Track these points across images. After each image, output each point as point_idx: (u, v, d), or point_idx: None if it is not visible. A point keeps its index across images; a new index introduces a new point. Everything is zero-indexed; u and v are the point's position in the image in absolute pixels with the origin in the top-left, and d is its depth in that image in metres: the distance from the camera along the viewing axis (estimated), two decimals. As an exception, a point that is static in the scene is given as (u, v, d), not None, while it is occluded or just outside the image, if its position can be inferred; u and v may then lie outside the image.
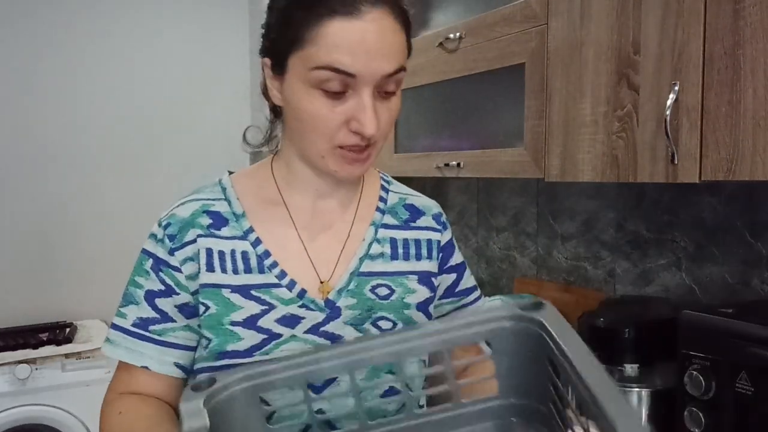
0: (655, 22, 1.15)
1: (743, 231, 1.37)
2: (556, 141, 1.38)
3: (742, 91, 1.02)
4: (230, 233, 0.81)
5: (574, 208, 1.80)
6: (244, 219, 0.82)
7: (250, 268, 0.80)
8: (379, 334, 0.81)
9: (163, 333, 0.81)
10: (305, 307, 0.80)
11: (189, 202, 0.84)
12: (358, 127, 0.73)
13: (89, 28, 2.58)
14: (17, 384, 2.06)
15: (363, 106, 0.72)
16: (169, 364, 0.81)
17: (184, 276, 0.80)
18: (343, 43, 0.69)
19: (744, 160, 1.02)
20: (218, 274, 0.79)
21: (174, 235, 0.81)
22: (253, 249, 0.81)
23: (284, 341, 0.78)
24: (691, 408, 1.09)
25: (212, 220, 0.82)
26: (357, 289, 0.83)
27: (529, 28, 1.44)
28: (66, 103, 2.55)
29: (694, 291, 1.48)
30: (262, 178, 0.86)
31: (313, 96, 0.72)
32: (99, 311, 2.61)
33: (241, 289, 0.79)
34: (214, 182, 0.88)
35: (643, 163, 1.19)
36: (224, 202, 0.84)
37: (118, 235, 2.66)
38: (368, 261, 0.85)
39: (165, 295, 0.80)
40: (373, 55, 0.70)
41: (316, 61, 0.71)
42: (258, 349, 0.77)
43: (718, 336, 1.05)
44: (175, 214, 0.83)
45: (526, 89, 1.46)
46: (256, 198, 0.84)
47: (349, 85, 0.72)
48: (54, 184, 2.55)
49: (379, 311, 0.83)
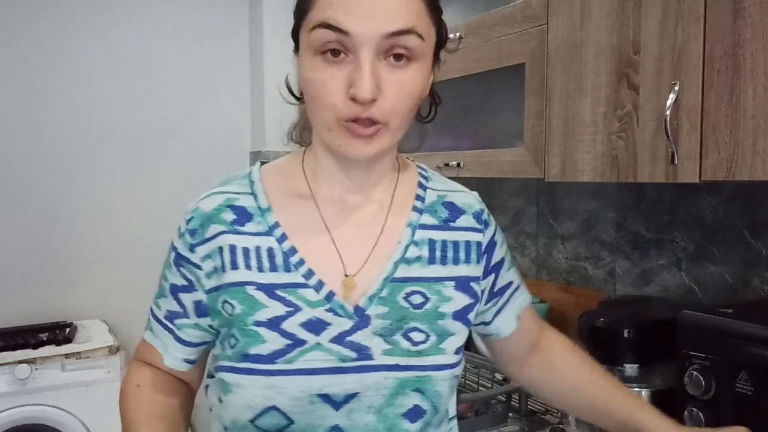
0: (655, 22, 1.15)
1: (743, 231, 1.37)
2: (556, 141, 1.38)
3: (742, 91, 1.02)
4: (255, 229, 0.77)
5: (574, 208, 1.80)
6: (270, 214, 0.78)
7: (275, 266, 0.75)
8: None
9: (182, 328, 0.82)
10: (333, 312, 0.74)
11: (214, 195, 0.80)
12: (354, 92, 0.66)
13: (90, 29, 2.58)
14: (17, 384, 2.06)
15: (358, 68, 0.66)
16: (180, 360, 0.83)
17: (204, 273, 0.77)
18: (339, 1, 0.66)
19: (744, 160, 1.02)
20: (242, 271, 0.75)
21: (195, 230, 0.78)
22: (278, 245, 0.76)
23: (308, 349, 0.72)
24: (691, 408, 1.09)
25: (236, 216, 0.77)
26: (390, 296, 0.76)
27: (529, 28, 1.44)
28: (66, 104, 2.55)
29: (694, 291, 1.48)
30: (291, 171, 0.82)
31: (314, 63, 0.69)
32: (99, 311, 2.62)
33: (265, 287, 0.74)
34: (244, 173, 0.83)
35: (643, 163, 1.19)
36: (250, 196, 0.79)
37: (119, 235, 2.66)
38: (404, 265, 0.78)
39: (186, 291, 0.80)
40: (371, 13, 0.66)
41: (313, 22, 0.68)
42: (281, 356, 0.71)
43: (718, 336, 1.05)
44: (198, 207, 0.79)
45: (526, 89, 1.46)
46: (284, 191, 0.80)
47: (348, 48, 0.67)
48: (54, 185, 2.55)
49: (412, 321, 0.76)
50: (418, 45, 0.69)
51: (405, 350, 0.74)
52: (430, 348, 0.75)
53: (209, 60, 2.82)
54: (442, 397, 0.75)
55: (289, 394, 0.70)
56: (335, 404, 0.72)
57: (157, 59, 2.72)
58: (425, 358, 0.74)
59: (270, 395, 0.70)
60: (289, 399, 0.70)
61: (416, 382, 0.73)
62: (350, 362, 0.72)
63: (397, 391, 0.73)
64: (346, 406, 0.72)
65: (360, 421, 0.72)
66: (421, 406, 0.73)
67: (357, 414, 0.72)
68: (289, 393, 0.70)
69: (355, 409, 0.72)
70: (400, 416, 0.73)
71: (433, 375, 0.74)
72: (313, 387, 0.71)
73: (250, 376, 0.71)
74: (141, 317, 3.08)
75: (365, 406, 0.72)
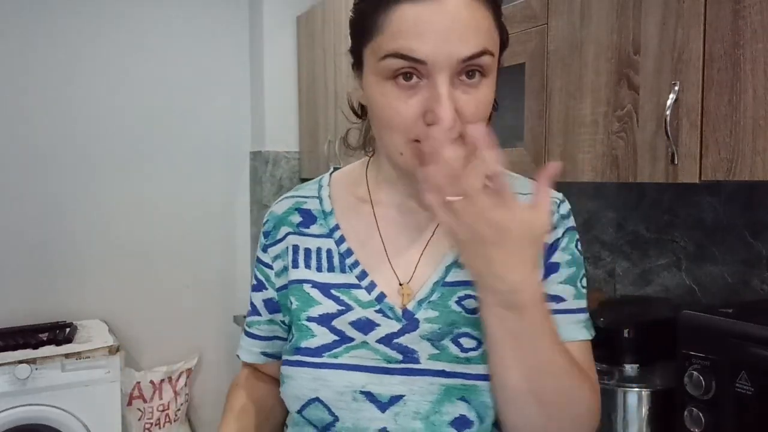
0: (655, 22, 1.15)
1: (743, 231, 1.37)
2: (556, 141, 1.38)
3: (742, 91, 1.02)
4: (318, 231, 0.81)
5: (574, 208, 1.79)
6: (332, 217, 0.82)
7: (333, 267, 0.79)
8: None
9: (251, 325, 0.88)
10: (382, 313, 0.75)
11: (286, 198, 0.86)
12: (433, 119, 0.64)
13: (90, 29, 2.58)
14: (17, 384, 2.06)
15: (437, 96, 0.64)
16: (256, 354, 0.89)
17: (274, 272, 0.83)
18: (410, 28, 0.64)
19: (744, 160, 1.02)
20: (302, 269, 0.80)
21: (269, 232, 0.84)
22: (336, 247, 0.80)
23: (355, 347, 0.74)
24: (691, 408, 1.09)
25: (302, 218, 0.83)
26: (440, 300, 0.75)
27: (529, 28, 1.44)
28: (65, 104, 2.55)
29: (694, 291, 1.48)
30: (356, 177, 0.85)
31: (385, 88, 0.67)
32: (99, 311, 2.62)
33: (321, 286, 0.78)
34: (318, 178, 0.88)
35: (643, 163, 1.19)
36: (316, 200, 0.84)
37: (119, 236, 2.66)
38: (456, 269, 0.76)
39: (257, 290, 0.86)
40: (444, 38, 0.63)
41: (384, 50, 0.66)
42: (327, 350, 0.74)
43: (718, 336, 1.05)
44: (273, 210, 0.86)
45: (526, 89, 1.46)
46: (348, 196, 0.83)
47: (421, 73, 0.65)
48: (54, 185, 2.55)
49: (463, 327, 0.74)
50: (491, 62, 0.68)
51: (453, 356, 0.72)
52: (480, 356, 0.72)
53: (209, 60, 2.82)
54: (490, 409, 0.71)
55: (332, 387, 0.72)
56: (380, 405, 0.71)
57: (157, 59, 2.72)
58: (473, 366, 0.72)
59: (315, 387, 0.72)
60: (333, 393, 0.72)
61: (462, 390, 0.71)
62: (396, 364, 0.72)
63: (443, 398, 0.71)
64: (391, 409, 0.71)
65: (408, 426, 0.71)
66: (467, 417, 0.71)
67: (403, 419, 0.71)
68: (333, 387, 0.72)
69: (402, 414, 0.71)
70: (447, 424, 0.71)
71: (480, 385, 0.71)
72: (357, 383, 0.72)
73: (300, 368, 0.74)
74: (141, 317, 3.09)
75: (412, 411, 0.71)
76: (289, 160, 2.84)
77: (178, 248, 2.75)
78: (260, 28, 2.73)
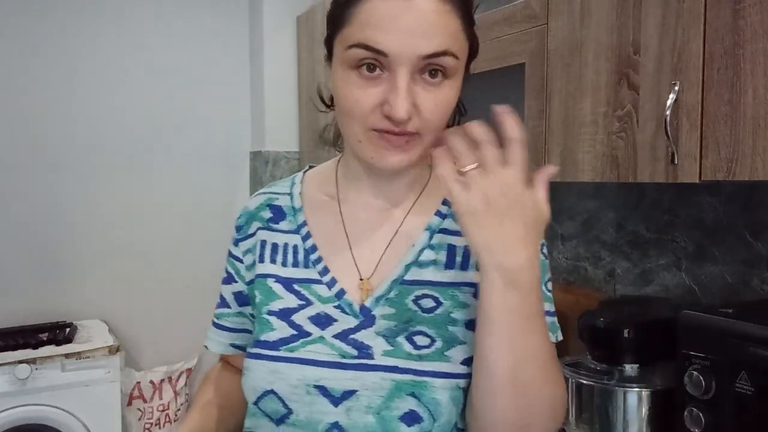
0: (655, 22, 1.15)
1: (743, 231, 1.37)
2: (556, 141, 1.38)
3: (742, 91, 1.02)
4: (287, 227, 0.83)
5: (574, 208, 1.80)
6: (301, 213, 0.84)
7: (297, 262, 0.81)
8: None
9: (221, 317, 0.91)
10: (340, 309, 0.77)
11: (260, 194, 0.89)
12: (389, 110, 0.67)
13: (89, 29, 2.58)
14: (17, 384, 2.06)
15: (395, 88, 0.67)
16: (225, 345, 0.91)
17: (244, 266, 0.85)
18: (377, 21, 0.66)
19: (744, 160, 1.02)
20: (267, 264, 0.82)
21: (241, 227, 0.87)
22: (302, 243, 0.82)
23: (312, 341, 0.75)
24: (691, 408, 1.09)
25: (273, 214, 0.85)
26: (397, 298, 0.77)
27: (529, 28, 1.44)
28: (65, 104, 2.55)
29: (694, 291, 1.48)
30: (327, 174, 0.87)
31: (349, 78, 0.69)
32: (99, 311, 2.62)
33: (284, 281, 0.80)
34: (293, 175, 0.90)
35: (643, 163, 1.19)
36: (288, 196, 0.86)
37: (119, 235, 2.66)
38: (416, 268, 0.78)
39: (227, 282, 0.88)
40: (409, 34, 0.66)
41: (351, 40, 0.68)
42: (285, 344, 0.76)
43: (718, 336, 1.05)
44: (246, 206, 0.88)
45: (526, 89, 1.46)
46: (318, 194, 0.85)
47: (384, 66, 0.68)
48: (54, 185, 2.55)
49: (418, 325, 0.75)
50: (454, 64, 0.70)
51: (406, 353, 0.74)
52: (432, 354, 0.74)
53: (209, 60, 2.82)
54: (441, 407, 0.72)
55: (287, 380, 0.73)
56: (333, 399, 0.73)
57: (157, 59, 2.72)
58: (425, 363, 0.73)
59: (271, 380, 0.74)
60: (287, 386, 0.73)
61: (412, 386, 0.72)
62: (350, 359, 0.74)
63: (394, 393, 0.72)
64: (344, 403, 0.73)
65: (359, 420, 0.72)
66: (417, 412, 0.72)
67: (356, 413, 0.72)
68: (288, 380, 0.73)
69: (354, 408, 0.72)
70: (397, 419, 0.72)
71: (429, 381, 0.72)
72: (310, 377, 0.73)
73: (258, 361, 0.76)
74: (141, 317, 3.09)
75: (364, 406, 0.72)
76: (289, 161, 2.84)
77: (178, 248, 2.75)
78: (260, 28, 2.73)
